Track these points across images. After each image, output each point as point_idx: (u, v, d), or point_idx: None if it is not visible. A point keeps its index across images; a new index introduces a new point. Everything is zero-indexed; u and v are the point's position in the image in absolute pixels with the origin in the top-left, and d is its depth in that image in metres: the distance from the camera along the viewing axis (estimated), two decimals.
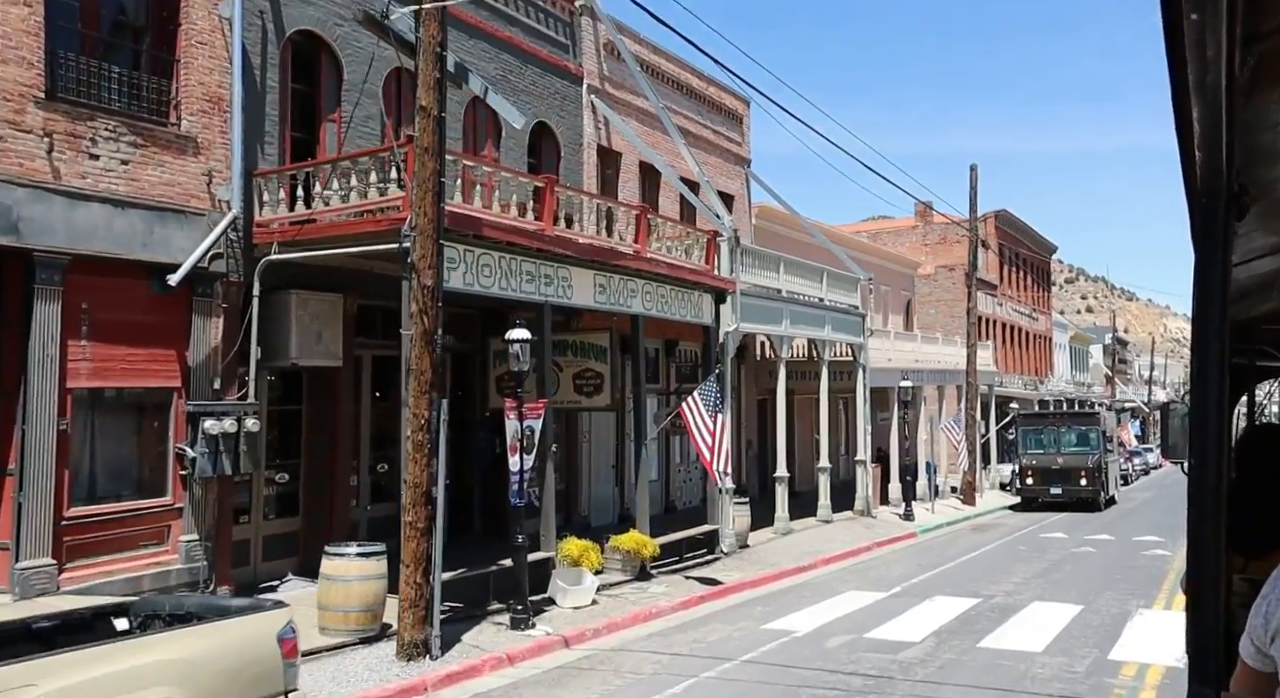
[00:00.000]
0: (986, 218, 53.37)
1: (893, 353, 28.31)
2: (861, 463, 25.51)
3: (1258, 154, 2.29)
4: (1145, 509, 31.59)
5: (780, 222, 28.06)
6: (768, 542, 20.20)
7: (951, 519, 27.06)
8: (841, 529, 22.64)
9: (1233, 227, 2.19)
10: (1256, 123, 2.14)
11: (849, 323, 24.72)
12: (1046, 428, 31.82)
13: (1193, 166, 2.09)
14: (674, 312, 17.41)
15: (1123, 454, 48.07)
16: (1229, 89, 1.81)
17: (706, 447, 15.39)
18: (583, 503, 20.42)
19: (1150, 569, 17.62)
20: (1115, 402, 73.29)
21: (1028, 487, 31.09)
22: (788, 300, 21.44)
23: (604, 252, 15.16)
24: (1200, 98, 1.84)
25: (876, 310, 36.26)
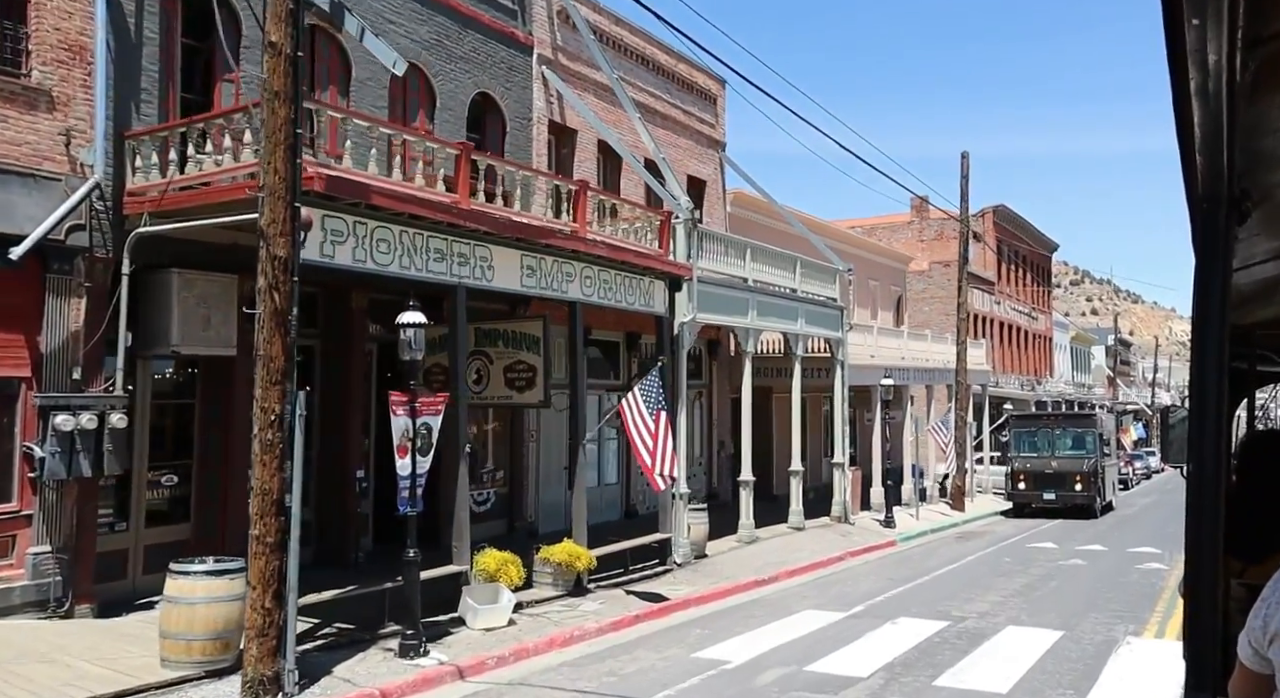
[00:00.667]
0: (984, 213, 51.74)
1: (876, 349, 26.63)
2: (839, 466, 23.84)
3: (1259, 159, 2.26)
4: (1144, 517, 29.87)
5: (757, 209, 26.40)
6: (729, 552, 18.54)
7: (936, 526, 25.38)
8: (813, 537, 20.98)
9: (1233, 232, 2.20)
10: (1258, 127, 2.12)
11: (826, 316, 23.05)
12: (1040, 430, 30.13)
13: (1194, 171, 2.06)
14: (620, 299, 15.77)
15: (1123, 458, 46.33)
16: (1230, 94, 1.82)
17: (646, 450, 13.74)
18: (529, 509, 18.78)
19: (1143, 586, 15.93)
20: (1117, 404, 71.49)
21: (1019, 492, 29.39)
22: (755, 290, 19.78)
23: (531, 229, 13.51)
24: (1201, 102, 1.84)
25: (863, 306, 34.58)
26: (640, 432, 13.77)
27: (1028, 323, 56.28)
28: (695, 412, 24.65)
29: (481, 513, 17.86)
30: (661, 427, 13.75)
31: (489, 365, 15.18)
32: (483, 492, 17.91)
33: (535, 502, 18.95)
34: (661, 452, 13.67)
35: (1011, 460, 30.28)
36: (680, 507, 17.20)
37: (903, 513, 26.66)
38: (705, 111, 25.06)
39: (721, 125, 25.86)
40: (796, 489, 21.80)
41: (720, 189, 25.61)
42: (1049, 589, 15.51)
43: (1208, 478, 2.07)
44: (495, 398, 15.19)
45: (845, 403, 23.88)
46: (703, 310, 17.75)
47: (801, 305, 21.80)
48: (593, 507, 20.72)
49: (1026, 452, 30.21)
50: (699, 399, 24.73)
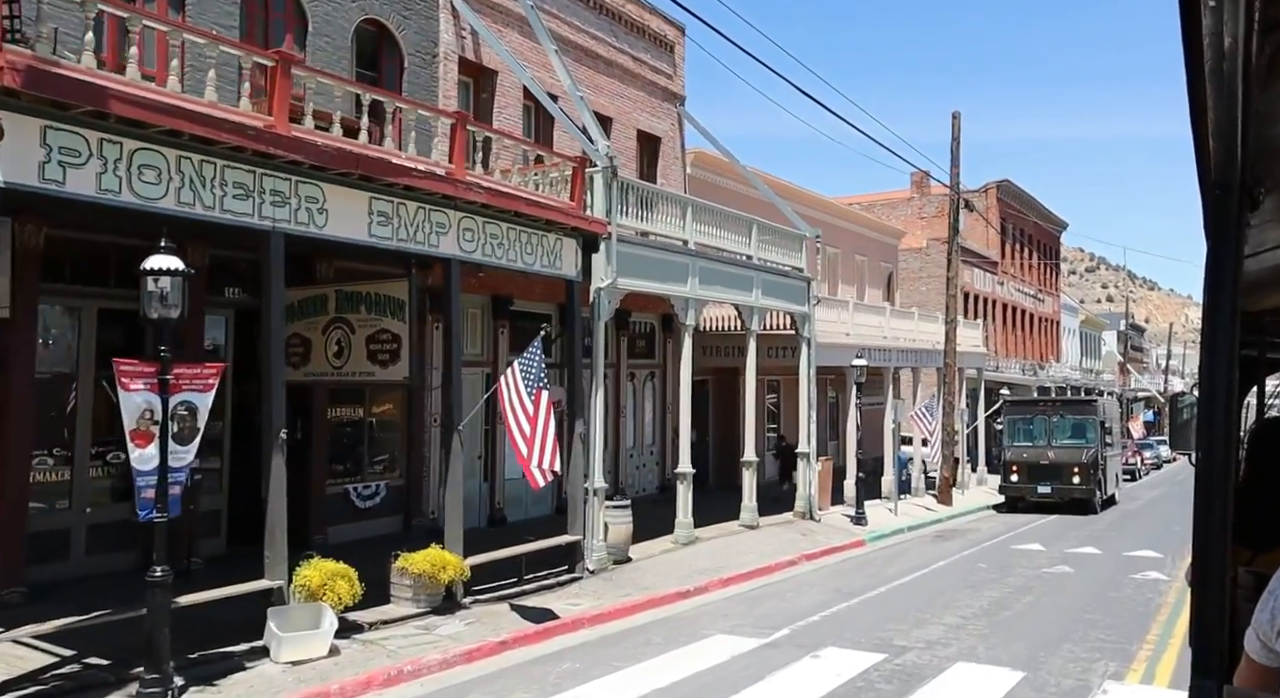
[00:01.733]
0: (987, 189, 48.80)
1: (853, 327, 23.93)
2: (803, 456, 21.19)
3: (1272, 145, 2.23)
4: (1149, 513, 27.08)
5: (721, 171, 23.71)
6: (659, 556, 15.96)
7: (915, 523, 22.72)
8: (767, 537, 18.37)
9: (1245, 219, 2.17)
10: (1272, 113, 2.10)
11: (789, 288, 20.36)
12: (1036, 417, 27.39)
13: (1206, 157, 2.04)
14: (515, 258, 13.14)
15: (1130, 447, 43.49)
16: (1245, 78, 1.79)
17: (522, 437, 11.13)
18: (429, 503, 16.23)
19: (1137, 603, 13.26)
20: (1127, 391, 68.44)
21: (1012, 484, 26.67)
22: (697, 255, 17.11)
23: (379, 165, 10.88)
24: (1215, 87, 1.81)
25: (849, 282, 31.85)
26: (517, 416, 11.17)
27: (1033, 305, 53.32)
28: (646, 395, 22.06)
29: (367, 509, 15.35)
30: (542, 410, 11.13)
31: (350, 335, 12.63)
32: (369, 485, 15.39)
33: (438, 495, 16.38)
34: (541, 440, 11.06)
35: (1004, 450, 27.56)
36: (595, 505, 14.62)
37: (880, 508, 24.05)
38: (660, 60, 22.34)
39: (680, 77, 23.14)
40: (750, 483, 19.18)
41: (678, 148, 22.92)
42: (1021, 608, 12.85)
43: (1216, 465, 2.03)
44: (357, 374, 12.63)
45: (811, 385, 21.21)
46: (626, 275, 15.12)
47: (758, 274, 19.12)
48: (517, 502, 18.26)
49: (1021, 441, 27.49)
50: (651, 381, 22.13)
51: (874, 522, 21.97)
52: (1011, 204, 50.27)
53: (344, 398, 15.03)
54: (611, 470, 20.89)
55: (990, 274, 47.03)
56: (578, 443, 14.29)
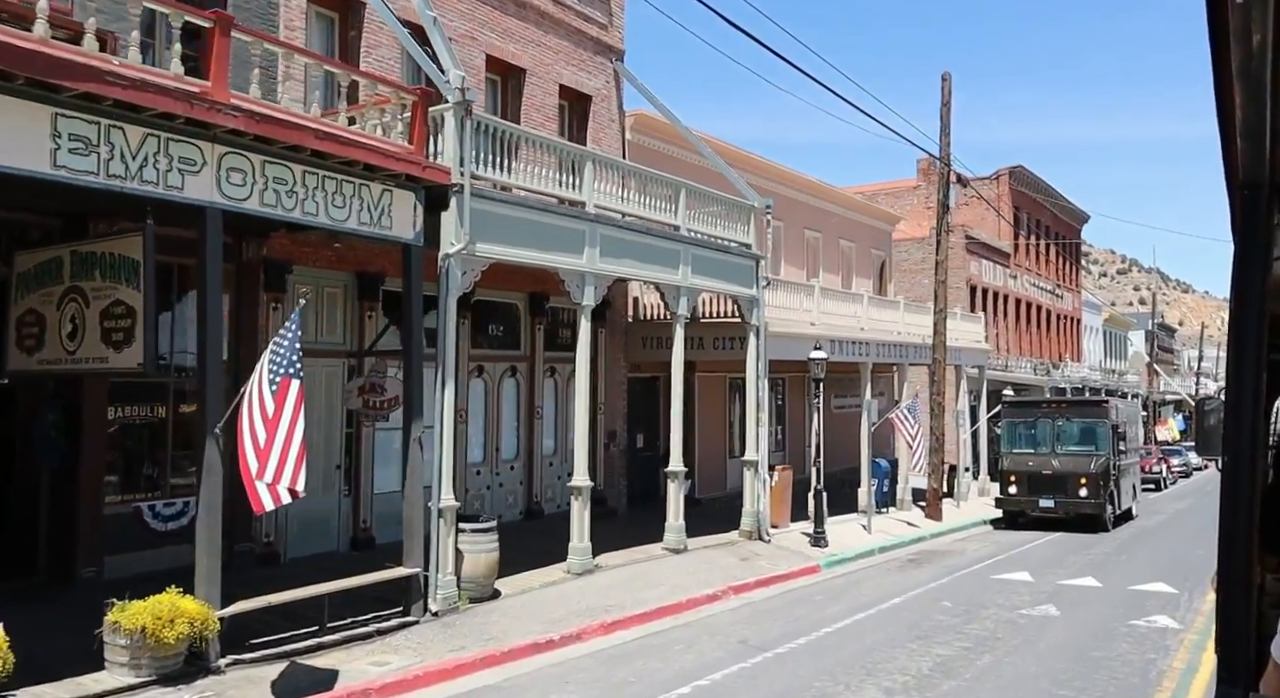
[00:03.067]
0: (999, 176, 45.20)
1: (819, 315, 20.64)
2: (750, 466, 17.93)
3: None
4: (1169, 531, 23.53)
5: (664, 136, 20.53)
6: (540, 590, 12.79)
7: (889, 543, 19.39)
8: (693, 565, 15.16)
9: (1274, 218, 2.11)
10: None
11: (730, 266, 17.15)
12: (1039, 420, 23.91)
13: (1234, 156, 2.01)
14: (313, 211, 10.01)
15: (1155, 454, 39.77)
16: (1274, 77, 1.75)
17: (253, 445, 8.00)
18: (261, 524, 13.13)
19: (1132, 668, 9.93)
20: (1155, 393, 64.36)
21: (1010, 497, 23.23)
22: (597, 220, 13.96)
23: (67, 68, 7.81)
24: (1244, 85, 1.79)
25: (832, 271, 28.52)
26: (252, 415, 8.06)
27: (1051, 302, 49.59)
28: (568, 394, 18.90)
29: (169, 532, 12.29)
30: (288, 407, 8.00)
31: (84, 310, 9.57)
32: (173, 502, 12.31)
33: (274, 515, 13.32)
34: (283, 448, 7.93)
35: (1001, 458, 24.13)
36: (440, 529, 11.49)
37: (853, 525, 20.76)
38: (592, 7, 19.19)
39: (618, 27, 19.98)
40: (676, 498, 15.95)
41: (614, 109, 19.76)
42: (971, 675, 9.55)
43: (1243, 469, 1.97)
44: (89, 360, 9.53)
45: (761, 382, 17.95)
46: (489, 240, 11.98)
47: (688, 248, 15.92)
48: (391, 520, 15.11)
49: (1021, 447, 24.04)
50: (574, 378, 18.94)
51: (840, 542, 18.68)
52: (1026, 192, 46.62)
53: (136, 393, 11.99)
54: (524, 482, 17.76)
55: (1002, 267, 43.46)
56: (415, 451, 11.17)
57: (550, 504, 18.10)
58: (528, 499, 17.72)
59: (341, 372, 14.61)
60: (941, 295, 23.88)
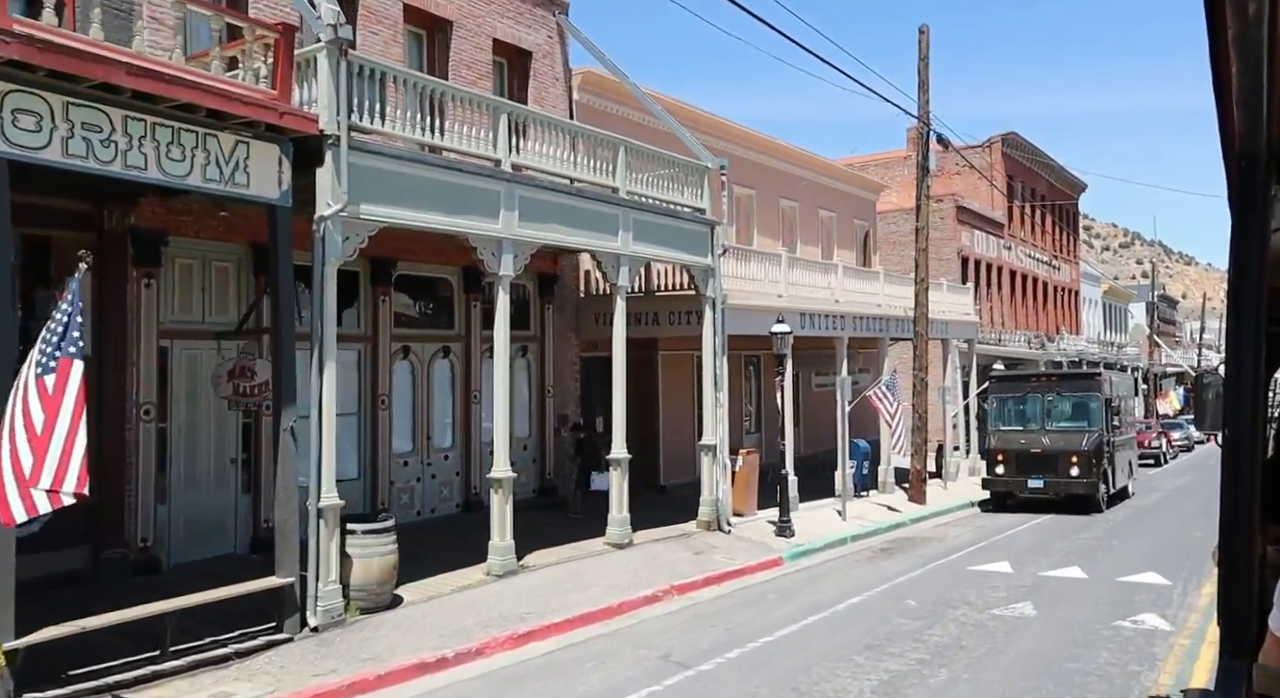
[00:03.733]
0: (991, 143, 43.36)
1: (786, 286, 19.04)
2: (708, 450, 16.40)
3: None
4: (1166, 510, 21.97)
5: (615, 96, 18.90)
6: (450, 596, 11.29)
7: (865, 531, 17.87)
8: (637, 561, 13.66)
9: (1271, 190, 2.09)
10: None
11: (680, 233, 15.57)
12: (1028, 396, 22.34)
13: (1231, 127, 1.99)
14: (141, 164, 8.44)
15: (1155, 428, 38.18)
16: (1271, 47, 1.71)
17: (27, 432, 6.49)
18: (137, 527, 11.60)
19: (1113, 681, 8.40)
20: (1156, 366, 62.67)
21: (998, 478, 21.69)
22: (515, 180, 12.37)
23: None
24: (1240, 54, 1.76)
25: (810, 242, 26.88)
26: (14, 407, 6.53)
27: (1047, 273, 47.87)
28: (518, 376, 17.37)
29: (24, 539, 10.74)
30: (69, 396, 6.48)
31: None
32: None
33: (157, 514, 11.83)
34: (63, 445, 6.41)
35: (989, 435, 22.57)
36: (323, 531, 9.98)
37: (827, 511, 19.26)
38: None
39: None
40: (619, 487, 14.43)
41: (558, 66, 18.12)
42: (927, 693, 8.03)
43: (1244, 441, 1.97)
44: None
45: (719, 359, 16.40)
46: (375, 201, 10.42)
47: (628, 213, 14.33)
48: None
49: (1010, 424, 22.50)
50: (522, 356, 17.42)
51: (810, 531, 17.18)
52: (1020, 160, 44.84)
53: None
54: (461, 472, 16.24)
55: (995, 238, 41.76)
56: (286, 443, 9.64)
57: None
58: (465, 491, 16.22)
59: (359, 356, 13.31)
60: (923, 264, 22.26)
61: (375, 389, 14.56)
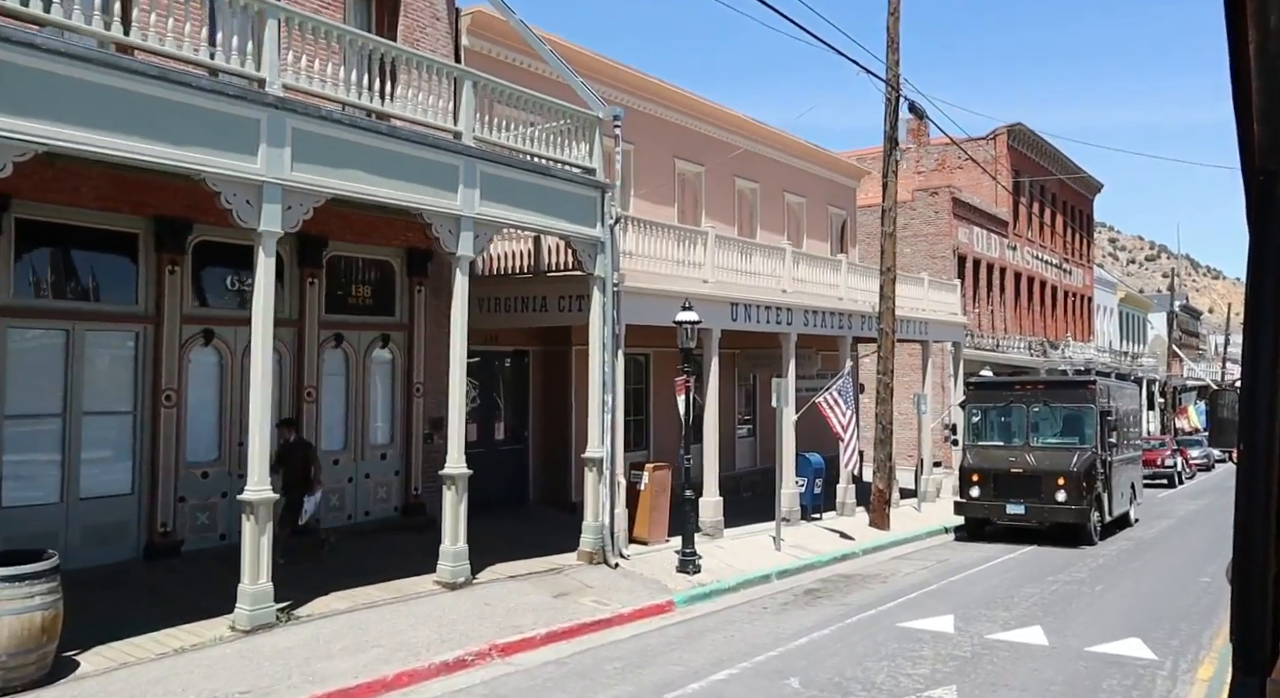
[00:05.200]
0: (996, 135, 39.97)
1: (713, 271, 15.85)
2: (593, 465, 13.25)
3: None
4: (1170, 545, 18.53)
5: (514, 43, 15.81)
6: (157, 660, 8.18)
7: (793, 566, 14.63)
8: (466, 607, 10.51)
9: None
10: None
11: (555, 197, 12.43)
12: (1011, 406, 18.98)
13: (1251, 141, 1.93)
14: None
15: (1169, 445, 34.58)
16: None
17: None
18: None
19: None
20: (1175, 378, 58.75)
21: (972, 501, 18.34)
22: (286, 107, 9.28)
23: None
24: (1261, 67, 1.74)
25: (772, 229, 23.63)
26: None
27: (1057, 277, 44.33)
28: (375, 371, 14.34)
29: None
30: None
31: None
32: None
33: None
34: None
35: (964, 451, 19.24)
36: None
37: (761, 538, 16.04)
38: None
39: None
40: (453, 513, 11.23)
41: (440, 4, 15.05)
42: None
43: (1259, 457, 1.92)
44: None
45: (608, 354, 13.23)
46: (53, 117, 7.36)
47: (473, 163, 11.19)
48: (208, 515, 10.79)
49: (989, 439, 19.18)
50: (383, 347, 14.35)
51: (730, 564, 14.02)
52: (1027, 154, 41.36)
53: None
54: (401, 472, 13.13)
55: (998, 236, 38.32)
56: None
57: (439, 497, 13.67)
58: (405, 493, 13.44)
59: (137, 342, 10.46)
60: (890, 251, 18.97)
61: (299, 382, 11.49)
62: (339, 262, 13.68)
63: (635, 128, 19.47)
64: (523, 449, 17.61)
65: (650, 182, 19.68)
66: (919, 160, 41.12)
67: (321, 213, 12.91)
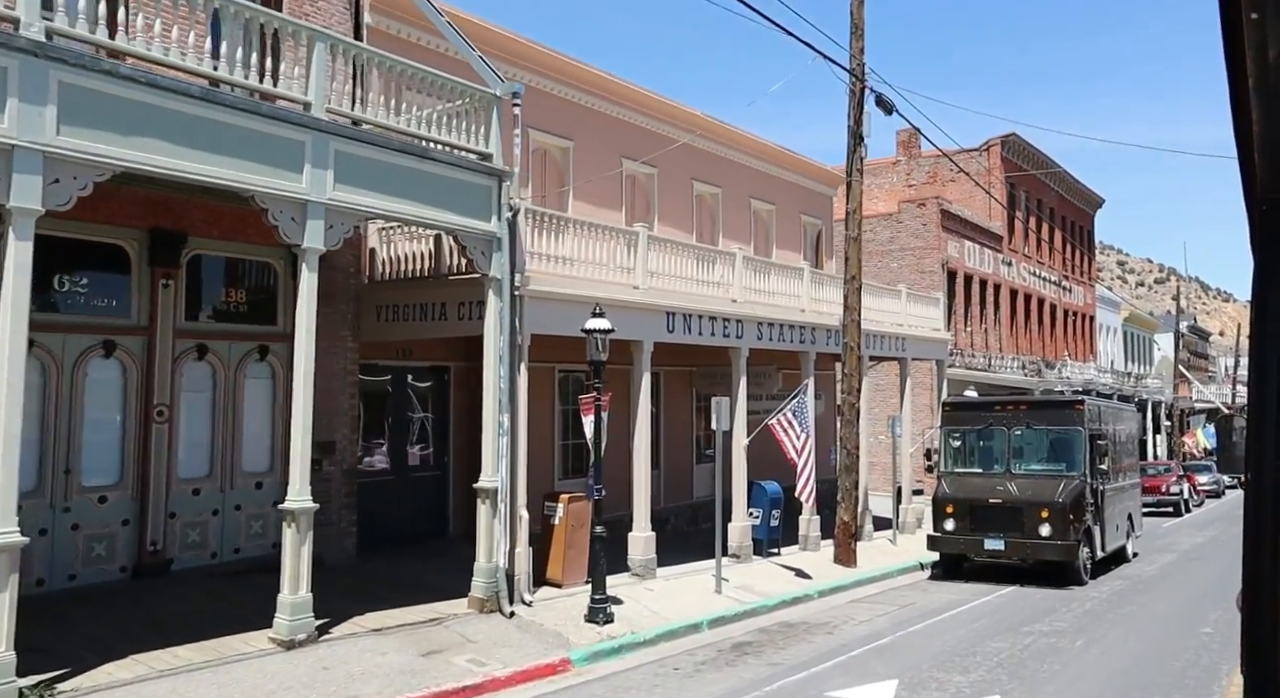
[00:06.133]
0: (989, 146, 38.13)
1: (645, 278, 14.00)
2: (486, 496, 11.34)
3: None
4: (1171, 583, 16.48)
5: (416, 19, 14.07)
6: None
7: (732, 612, 12.67)
8: (300, 672, 8.58)
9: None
10: None
11: (440, 184, 10.62)
12: (991, 428, 17.02)
13: (1253, 171, 1.93)
14: None
15: (1175, 471, 32.45)
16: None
17: None
18: None
19: None
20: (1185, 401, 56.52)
21: (947, 535, 16.36)
22: (35, 54, 7.52)
23: None
24: (1261, 100, 1.72)
25: (736, 237, 21.81)
26: None
27: (1056, 295, 42.34)
28: (247, 386, 12.52)
29: None
30: None
31: None
32: None
33: None
34: None
35: (939, 479, 17.26)
36: None
37: (701, 578, 14.09)
38: None
39: None
40: (296, 552, 9.33)
41: None
42: None
43: (1267, 483, 1.90)
44: None
45: (505, 368, 11.37)
46: None
47: (326, 140, 9.39)
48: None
49: (967, 465, 17.23)
50: (261, 360, 12.52)
51: (656, 610, 12.10)
52: (1023, 167, 39.50)
53: None
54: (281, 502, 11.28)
55: (992, 251, 36.42)
56: None
57: (328, 531, 11.80)
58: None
59: None
60: (854, 258, 17.10)
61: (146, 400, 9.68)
62: (203, 261, 11.88)
63: (576, 123, 17.73)
64: (442, 476, 15.72)
65: (593, 183, 17.89)
66: (909, 174, 39.36)
67: (178, 204, 11.12)
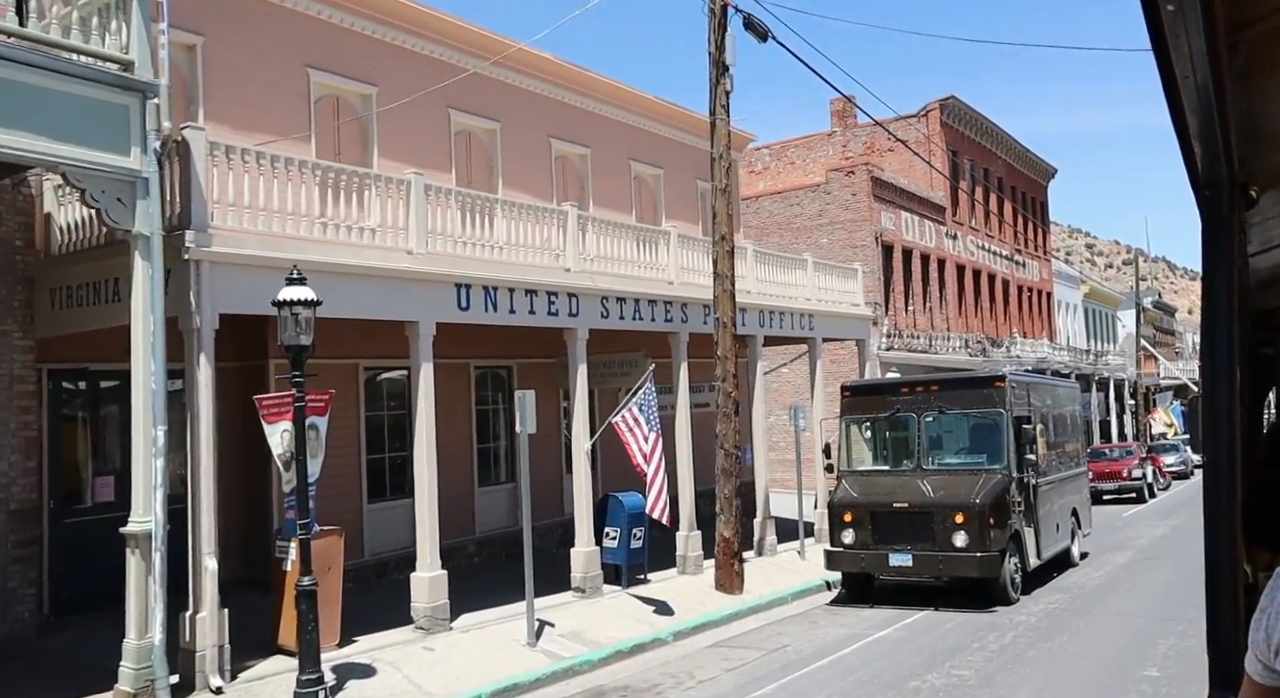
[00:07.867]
0: (928, 111, 34.96)
1: (420, 239, 10.71)
2: (135, 542, 7.99)
3: (1263, 141, 2.11)
4: (1116, 600, 13.28)
5: None
6: None
7: (524, 678, 9.39)
8: None
9: (1239, 216, 2.09)
10: (1258, 110, 1.99)
11: (43, 102, 7.28)
12: (899, 416, 13.80)
13: (1193, 157, 1.95)
14: None
15: (1137, 453, 29.45)
16: (1217, 81, 1.68)
17: None
18: None
19: None
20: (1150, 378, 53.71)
21: (847, 550, 13.12)
22: None
23: None
24: (1189, 89, 1.71)
25: (617, 207, 18.52)
26: None
27: (1009, 270, 39.33)
28: None
29: None
30: None
31: None
32: None
33: None
34: None
35: (839, 480, 14.03)
36: None
37: (515, 626, 10.78)
38: None
39: None
40: None
41: None
42: None
43: (1223, 468, 1.94)
44: None
45: (150, 361, 8.05)
46: None
47: None
48: None
49: (870, 463, 14.06)
50: None
51: (420, 681, 8.82)
52: (965, 133, 36.46)
53: None
54: None
55: (934, 223, 33.33)
56: None
57: None
58: None
59: None
60: (723, 215, 13.86)
61: None
62: None
63: (381, 66, 14.42)
64: None
65: (411, 138, 14.58)
66: (845, 145, 36.22)
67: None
